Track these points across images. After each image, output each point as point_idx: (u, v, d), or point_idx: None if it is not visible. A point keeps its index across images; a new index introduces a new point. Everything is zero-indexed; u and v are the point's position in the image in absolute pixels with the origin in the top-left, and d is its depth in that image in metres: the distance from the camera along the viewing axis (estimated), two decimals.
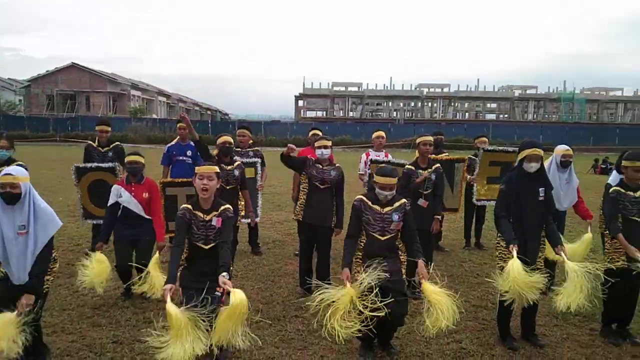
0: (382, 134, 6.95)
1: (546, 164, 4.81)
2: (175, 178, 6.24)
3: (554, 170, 5.18)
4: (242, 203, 5.67)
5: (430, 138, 5.43)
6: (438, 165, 5.42)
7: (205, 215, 3.53)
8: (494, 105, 68.21)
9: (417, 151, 5.45)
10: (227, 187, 5.31)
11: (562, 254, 3.87)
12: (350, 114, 64.06)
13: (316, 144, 5.21)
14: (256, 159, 6.66)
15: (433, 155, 5.91)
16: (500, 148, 7.25)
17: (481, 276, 5.96)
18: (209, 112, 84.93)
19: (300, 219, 5.21)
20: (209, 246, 3.54)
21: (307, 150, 6.40)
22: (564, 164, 5.18)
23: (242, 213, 5.74)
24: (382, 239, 3.78)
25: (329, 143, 5.15)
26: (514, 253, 3.77)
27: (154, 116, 52.94)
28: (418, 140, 5.40)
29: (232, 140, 5.53)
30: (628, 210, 4.10)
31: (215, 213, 3.54)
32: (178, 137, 6.99)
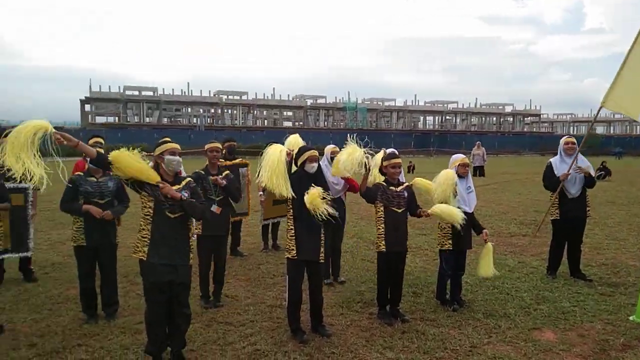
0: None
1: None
2: None
3: (326, 165, 5.71)
4: None
5: (218, 145, 5.43)
6: (228, 172, 5.47)
7: None
8: (289, 113, 72.11)
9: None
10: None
11: None
12: (147, 119, 60.78)
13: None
14: (26, 185, 5.30)
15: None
16: None
17: (277, 276, 6.20)
18: None
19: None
20: None
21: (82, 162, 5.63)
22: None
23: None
24: None
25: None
26: None
27: None
28: (206, 147, 5.37)
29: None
30: (389, 202, 4.72)
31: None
32: None
